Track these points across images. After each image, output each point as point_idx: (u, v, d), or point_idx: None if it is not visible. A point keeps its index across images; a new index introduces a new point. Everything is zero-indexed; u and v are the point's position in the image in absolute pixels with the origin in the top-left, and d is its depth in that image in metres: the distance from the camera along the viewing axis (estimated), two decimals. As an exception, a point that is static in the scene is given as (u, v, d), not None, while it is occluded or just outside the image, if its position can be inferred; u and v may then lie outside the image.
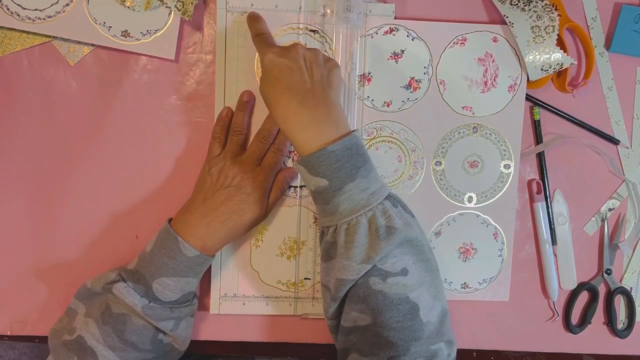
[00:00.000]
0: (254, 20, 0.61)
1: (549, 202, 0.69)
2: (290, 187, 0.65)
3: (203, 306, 0.67)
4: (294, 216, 0.66)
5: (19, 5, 0.61)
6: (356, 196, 0.52)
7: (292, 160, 0.65)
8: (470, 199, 0.68)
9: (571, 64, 0.65)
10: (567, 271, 0.70)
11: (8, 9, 0.61)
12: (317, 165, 0.52)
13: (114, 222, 0.66)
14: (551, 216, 0.69)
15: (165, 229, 0.58)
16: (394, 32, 0.65)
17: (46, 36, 0.63)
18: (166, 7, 0.62)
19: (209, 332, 0.67)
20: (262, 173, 0.61)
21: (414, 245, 0.53)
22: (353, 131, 0.54)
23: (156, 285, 0.56)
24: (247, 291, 0.66)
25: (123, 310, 0.56)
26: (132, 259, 0.59)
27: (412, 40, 0.65)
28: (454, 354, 0.54)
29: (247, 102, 0.63)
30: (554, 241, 0.69)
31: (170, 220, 0.59)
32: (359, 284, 0.52)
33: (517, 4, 0.65)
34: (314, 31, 0.64)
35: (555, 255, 0.70)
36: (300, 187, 0.66)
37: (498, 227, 0.68)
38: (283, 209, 0.66)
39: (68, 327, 0.57)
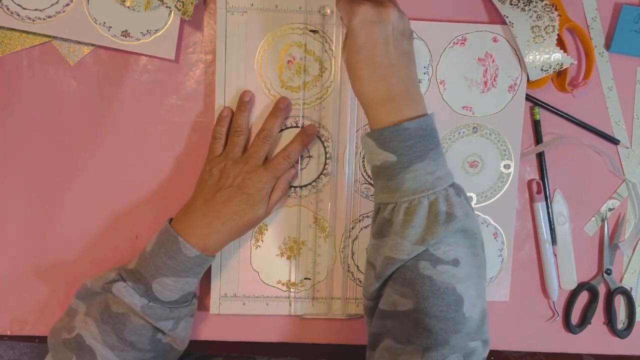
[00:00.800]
0: None
1: (549, 202, 0.69)
2: (290, 187, 0.65)
3: (203, 306, 0.67)
4: (294, 216, 0.66)
5: (19, 5, 0.61)
6: (422, 177, 0.51)
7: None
8: (470, 199, 0.68)
9: (571, 64, 0.65)
10: (567, 271, 0.70)
11: (8, 9, 0.61)
12: (390, 140, 0.51)
13: (114, 222, 0.66)
14: (551, 216, 0.69)
15: (166, 229, 0.58)
16: (394, 32, 0.65)
17: (46, 36, 0.63)
18: (166, 7, 0.62)
19: (209, 332, 0.67)
20: (264, 174, 0.61)
21: (470, 238, 0.52)
22: (429, 114, 0.53)
23: (156, 285, 0.56)
24: (247, 291, 0.66)
25: (122, 310, 0.56)
26: (132, 259, 0.59)
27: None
28: (486, 354, 0.53)
29: (247, 102, 0.63)
30: (554, 241, 0.69)
31: (170, 220, 0.59)
32: (408, 266, 0.51)
33: (517, 4, 0.65)
34: (314, 31, 0.64)
35: (555, 255, 0.70)
36: (300, 187, 0.66)
37: (498, 227, 0.68)
38: (283, 209, 0.66)
39: (68, 325, 0.57)
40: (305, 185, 0.66)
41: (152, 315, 0.56)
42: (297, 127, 0.65)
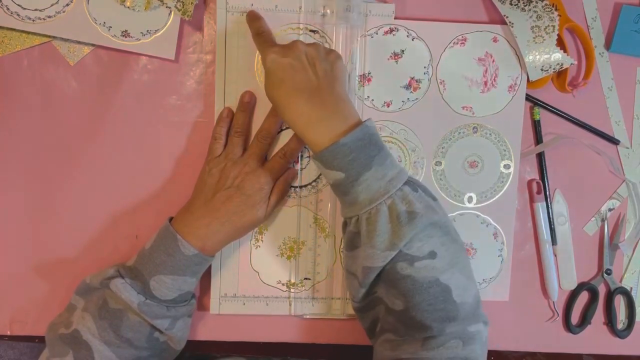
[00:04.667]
0: (253, 19, 0.61)
1: (549, 202, 0.69)
2: (290, 187, 0.65)
3: (203, 306, 0.67)
4: (294, 216, 0.66)
5: (19, 5, 0.61)
6: (374, 185, 0.52)
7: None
8: (470, 199, 0.68)
9: (571, 64, 0.65)
10: (567, 271, 0.70)
11: (8, 9, 0.61)
12: (332, 159, 0.52)
13: (115, 222, 0.66)
14: (551, 216, 0.69)
15: (165, 227, 0.58)
16: (394, 32, 0.65)
17: (46, 36, 0.63)
18: (166, 7, 0.62)
19: (209, 332, 0.67)
20: (263, 175, 0.60)
21: (439, 228, 0.53)
22: (365, 121, 0.54)
23: (153, 282, 0.56)
24: (247, 291, 0.66)
25: (119, 306, 0.56)
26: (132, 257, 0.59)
27: (412, 40, 0.65)
28: (487, 333, 0.54)
29: (248, 103, 0.63)
30: (554, 241, 0.69)
31: (171, 219, 0.59)
32: (388, 270, 0.52)
33: (517, 4, 0.65)
34: (314, 31, 0.64)
35: (555, 255, 0.70)
36: (300, 187, 0.66)
37: (498, 227, 0.68)
38: (283, 209, 0.66)
39: (66, 321, 0.57)
40: (305, 185, 0.66)
41: (149, 313, 0.56)
42: (297, 127, 0.65)
